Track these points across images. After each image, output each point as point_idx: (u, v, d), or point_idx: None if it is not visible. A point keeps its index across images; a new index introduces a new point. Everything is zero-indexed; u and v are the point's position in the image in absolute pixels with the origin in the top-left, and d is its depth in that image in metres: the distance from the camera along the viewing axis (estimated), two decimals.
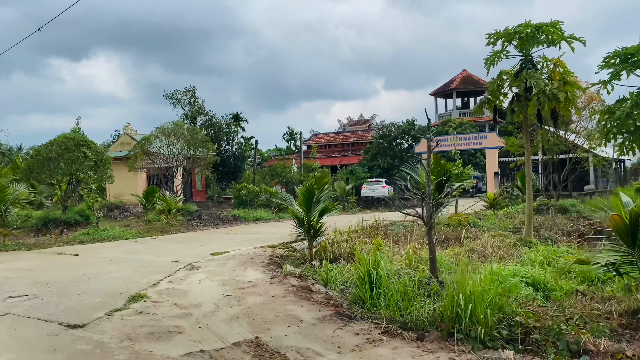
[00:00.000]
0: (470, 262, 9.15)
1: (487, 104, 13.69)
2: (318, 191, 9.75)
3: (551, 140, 20.61)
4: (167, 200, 19.32)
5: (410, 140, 44.54)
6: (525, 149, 13.49)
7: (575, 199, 21.43)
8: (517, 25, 12.99)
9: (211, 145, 30.02)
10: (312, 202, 9.74)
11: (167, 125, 30.07)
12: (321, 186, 9.80)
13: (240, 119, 62.75)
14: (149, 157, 30.12)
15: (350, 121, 64.13)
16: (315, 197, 9.73)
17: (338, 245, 10.53)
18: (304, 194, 9.68)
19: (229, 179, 51.41)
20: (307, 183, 9.69)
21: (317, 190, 9.71)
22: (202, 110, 48.95)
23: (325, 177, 9.98)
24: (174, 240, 14.27)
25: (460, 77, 57.54)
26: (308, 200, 9.70)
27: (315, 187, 9.66)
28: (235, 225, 18.68)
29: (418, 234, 13.01)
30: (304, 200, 9.72)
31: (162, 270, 8.96)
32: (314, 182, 9.65)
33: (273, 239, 13.83)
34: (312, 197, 9.70)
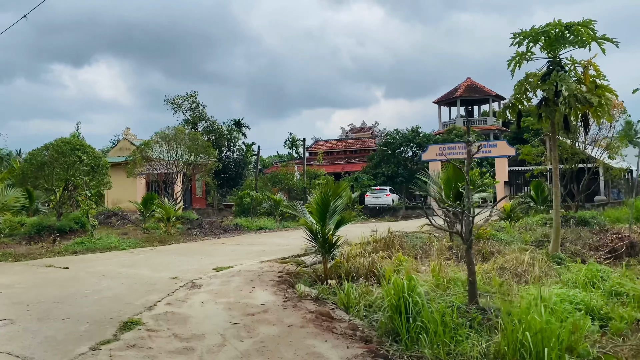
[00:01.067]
0: (505, 282, 8.18)
1: (510, 108, 12.75)
2: (334, 201, 8.79)
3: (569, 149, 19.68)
4: (166, 208, 18.34)
5: (415, 148, 43.63)
6: (552, 158, 12.54)
7: (593, 210, 20.47)
8: (545, 25, 12.07)
9: (213, 150, 29.09)
10: (327, 213, 8.77)
11: (168, 130, 29.16)
12: (337, 195, 8.84)
13: (242, 125, 62.00)
14: (149, 162, 29.20)
15: (352, 128, 63.26)
16: (330, 207, 8.77)
17: (354, 260, 9.54)
18: (318, 204, 8.72)
19: (230, 186, 50.48)
20: (321, 191, 8.73)
21: (332, 200, 8.75)
22: (204, 116, 48.16)
23: (342, 185, 9.03)
24: (173, 252, 13.28)
25: (464, 85, 56.74)
26: (322, 210, 8.74)
27: (331, 196, 8.70)
28: (237, 235, 17.69)
29: (438, 248, 12.04)
30: (317, 210, 8.76)
31: (159, 288, 7.98)
32: (329, 190, 8.69)
33: (280, 251, 12.86)
34: (327, 207, 8.73)
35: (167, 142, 28.60)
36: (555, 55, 12.33)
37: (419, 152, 42.37)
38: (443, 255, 11.23)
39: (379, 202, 36.35)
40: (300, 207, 9.38)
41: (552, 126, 12.58)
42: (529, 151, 20.40)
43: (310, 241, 8.95)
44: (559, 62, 12.32)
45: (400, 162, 43.51)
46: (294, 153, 73.23)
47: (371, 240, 12.86)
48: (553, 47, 12.26)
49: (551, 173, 24.91)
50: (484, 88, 56.56)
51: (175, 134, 28.97)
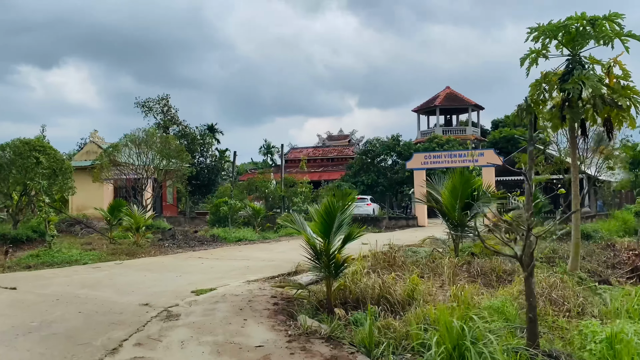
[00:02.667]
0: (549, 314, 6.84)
1: (526, 110, 11.51)
2: (340, 212, 7.33)
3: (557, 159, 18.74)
4: (135, 217, 16.59)
5: (395, 156, 42.56)
6: (572, 165, 11.33)
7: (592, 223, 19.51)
8: (567, 19, 10.88)
9: (186, 155, 27.35)
10: (333, 227, 7.30)
11: (138, 133, 27.29)
12: (345, 205, 7.39)
13: (215, 130, 60.11)
14: (117, 167, 27.25)
15: (329, 136, 62.10)
16: (336, 219, 7.30)
17: (359, 280, 8.09)
18: (322, 216, 7.24)
19: (202, 193, 48.60)
20: (326, 201, 7.25)
21: (339, 211, 7.29)
22: (176, 119, 46.29)
23: (351, 194, 7.59)
24: (143, 268, 11.59)
25: (444, 94, 56.12)
26: (327, 224, 7.26)
27: (337, 207, 7.24)
28: (215, 248, 16.03)
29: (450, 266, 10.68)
30: (321, 224, 7.27)
31: (127, 320, 6.37)
32: (335, 199, 7.22)
33: (266, 268, 11.31)
34: (332, 219, 7.26)
35: (137, 145, 26.74)
36: (576, 52, 11.18)
37: (399, 161, 41.31)
38: (457, 276, 9.90)
39: (359, 212, 34.92)
40: (298, 219, 7.87)
41: (571, 130, 11.39)
42: (525, 160, 19.27)
43: (312, 260, 7.45)
44: (579, 60, 11.16)
45: (380, 170, 42.37)
46: (269, 160, 71.72)
47: (370, 255, 11.45)
48: (574, 44, 11.10)
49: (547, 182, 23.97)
50: (463, 97, 56.04)
51: (146, 137, 27.13)
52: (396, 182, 41.75)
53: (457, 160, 28.88)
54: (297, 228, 7.64)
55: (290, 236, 20.69)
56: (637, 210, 25.45)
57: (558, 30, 10.89)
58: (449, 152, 30.29)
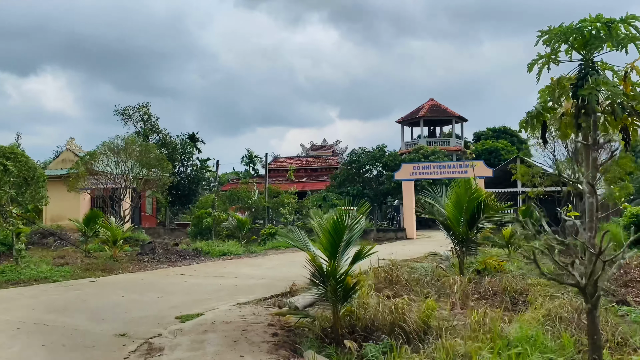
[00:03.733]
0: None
1: (536, 118, 10.77)
2: (350, 227, 6.42)
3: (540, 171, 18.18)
4: (112, 229, 15.45)
5: (381, 167, 41.82)
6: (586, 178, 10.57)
7: None
8: (580, 21, 10.10)
9: (167, 164, 26.19)
10: (341, 244, 6.39)
11: (117, 141, 26.07)
12: (355, 220, 6.48)
13: (197, 139, 58.86)
14: (94, 176, 25.98)
15: (313, 146, 61.21)
16: (345, 236, 6.39)
17: (365, 303, 7.16)
18: (329, 232, 6.32)
19: (182, 204, 47.29)
20: (335, 215, 6.34)
21: (347, 226, 6.38)
22: (156, 128, 45.02)
23: (363, 206, 6.69)
24: (120, 287, 10.51)
25: (428, 105, 55.76)
26: (334, 240, 6.34)
27: (345, 222, 6.33)
28: (198, 263, 14.95)
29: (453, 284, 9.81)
30: (328, 241, 6.36)
31: (98, 357, 5.34)
32: (344, 213, 6.31)
33: (256, 287, 10.32)
34: (340, 236, 6.35)
35: (115, 153, 25.53)
36: (589, 57, 10.48)
37: (384, 172, 40.58)
38: (467, 297, 9.04)
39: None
40: (299, 234, 6.92)
41: (585, 139, 10.67)
42: (525, 172, 18.64)
43: (316, 283, 6.51)
44: (592, 65, 10.46)
45: (365, 181, 41.58)
46: (252, 170, 70.57)
47: (371, 272, 10.56)
48: (588, 48, 10.40)
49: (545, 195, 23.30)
50: (447, 109, 55.74)
51: (125, 144, 25.93)
52: (382, 193, 40.98)
53: (447, 172, 28.22)
54: (299, 245, 6.70)
55: (278, 249, 19.69)
56: (625, 223, 25.04)
57: (571, 33, 10.18)
58: (438, 163, 29.63)
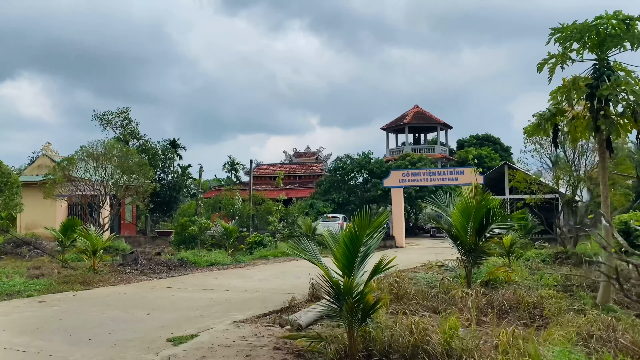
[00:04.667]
0: None
1: (550, 120, 10.21)
2: (367, 238, 5.69)
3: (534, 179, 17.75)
4: (91, 239, 14.48)
5: (366, 174, 41.21)
6: (602, 182, 10.01)
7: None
8: (595, 18, 9.67)
9: (149, 170, 25.19)
10: (357, 257, 5.65)
11: (96, 145, 25.02)
12: (374, 230, 5.74)
13: (178, 145, 57.80)
14: (72, 182, 24.87)
15: (296, 153, 60.48)
16: (361, 248, 5.66)
17: (380, 322, 6.43)
18: (344, 244, 5.58)
19: (163, 211, 46.15)
20: (352, 225, 5.60)
21: (365, 237, 5.65)
22: (136, 133, 43.91)
23: (383, 214, 5.95)
24: (102, 302, 9.61)
25: (412, 112, 55.54)
26: (351, 254, 5.60)
27: (363, 232, 5.60)
28: (185, 274, 14.04)
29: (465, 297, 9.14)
30: (343, 253, 5.61)
31: None
32: (362, 223, 5.56)
33: (251, 301, 9.52)
34: (357, 248, 5.62)
35: (94, 159, 24.46)
36: (604, 56, 9.97)
37: (371, 179, 39.99)
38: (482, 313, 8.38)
39: None
40: (308, 246, 6.15)
41: (599, 144, 10.12)
42: (522, 178, 18.15)
43: (331, 302, 5.75)
44: (608, 64, 9.95)
45: (351, 188, 40.94)
46: (234, 177, 69.48)
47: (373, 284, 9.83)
48: (603, 47, 9.89)
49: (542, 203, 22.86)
50: (431, 116, 55.57)
51: (105, 149, 24.89)
52: (368, 201, 40.38)
53: (437, 179, 27.73)
54: (309, 258, 5.92)
55: (266, 259, 18.87)
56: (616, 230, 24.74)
57: (586, 30, 9.67)
58: (428, 170, 29.14)
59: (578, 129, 10.64)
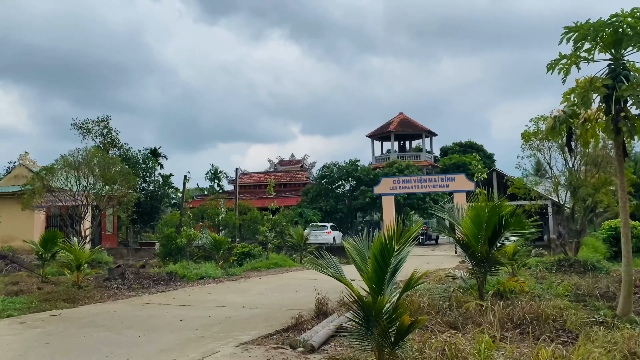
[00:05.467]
0: None
1: (566, 123, 9.74)
2: (399, 249, 5.08)
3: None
4: (75, 252, 13.63)
5: (354, 182, 40.70)
6: (620, 188, 9.55)
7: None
8: (611, 16, 9.24)
9: (133, 179, 24.30)
10: (387, 272, 5.04)
11: (77, 154, 24.05)
12: (406, 241, 5.14)
13: (159, 154, 56.81)
14: (51, 192, 23.87)
15: (281, 161, 59.81)
16: (392, 261, 5.05)
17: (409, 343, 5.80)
18: (376, 258, 4.96)
19: (145, 222, 45.11)
20: (382, 236, 4.98)
21: (396, 249, 5.04)
22: (117, 142, 42.83)
23: (417, 224, 5.35)
24: (90, 322, 8.83)
25: (397, 119, 55.37)
26: (381, 268, 4.99)
27: (394, 243, 4.98)
28: (176, 289, 13.25)
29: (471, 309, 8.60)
30: (373, 268, 4.99)
31: None
32: (393, 233, 4.95)
33: (253, 318, 8.83)
34: (387, 262, 5.00)
35: (75, 168, 23.48)
36: (619, 56, 9.56)
37: (358, 187, 39.51)
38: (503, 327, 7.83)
39: (318, 241, 32.69)
40: (332, 260, 5.50)
41: (618, 147, 9.68)
42: (521, 185, 17.74)
43: (359, 324, 5.11)
44: (623, 64, 9.54)
45: (339, 196, 40.40)
46: (217, 186, 68.44)
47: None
48: (619, 46, 9.48)
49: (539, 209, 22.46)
50: (416, 123, 55.46)
51: (86, 158, 23.93)
52: (356, 208, 39.88)
53: (428, 185, 27.32)
54: (335, 275, 5.28)
55: (258, 270, 18.14)
56: (604, 237, 24.54)
57: (603, 28, 9.24)
58: (419, 177, 28.76)
59: (589, 132, 10.21)
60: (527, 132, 17.27)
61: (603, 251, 21.76)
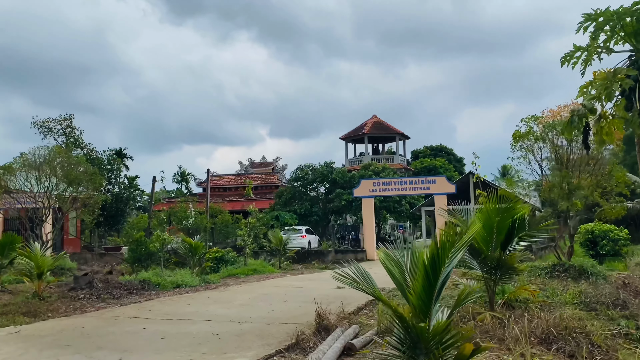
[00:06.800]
0: None
1: (582, 117, 9.01)
2: (450, 258, 4.13)
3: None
4: (36, 259, 12.25)
5: (328, 184, 39.75)
6: None
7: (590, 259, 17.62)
8: (634, 3, 8.54)
9: (100, 179, 22.79)
10: (437, 285, 4.08)
11: (38, 152, 22.41)
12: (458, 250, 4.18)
13: (124, 155, 54.78)
14: (9, 194, 22.17)
15: (252, 163, 58.54)
16: (442, 273, 4.10)
17: None
18: (425, 272, 4.00)
19: (109, 225, 43.16)
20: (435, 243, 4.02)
21: (449, 257, 4.09)
22: (80, 142, 40.81)
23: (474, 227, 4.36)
24: (54, 341, 7.59)
25: (371, 122, 54.86)
26: (430, 282, 4.03)
27: (447, 253, 4.03)
28: (151, 299, 11.99)
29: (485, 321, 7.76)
30: (422, 284, 4.03)
31: None
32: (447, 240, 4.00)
33: (246, 335, 7.76)
34: (437, 274, 4.05)
35: (36, 168, 21.86)
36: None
37: (333, 189, 38.59)
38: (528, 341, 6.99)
39: (293, 245, 31.62)
40: (362, 272, 4.50)
41: (639, 143, 9.00)
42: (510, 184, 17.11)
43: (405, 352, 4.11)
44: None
45: (313, 199, 39.40)
46: (184, 188, 66.66)
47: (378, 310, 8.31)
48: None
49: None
50: (390, 126, 55.05)
51: (48, 157, 22.32)
52: (331, 211, 38.94)
53: (408, 188, 26.61)
54: (373, 292, 4.28)
55: (237, 277, 16.99)
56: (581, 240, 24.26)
57: (626, 15, 8.54)
58: (399, 179, 28.06)
59: (604, 129, 9.52)
60: (518, 132, 16.67)
61: (581, 255, 21.42)
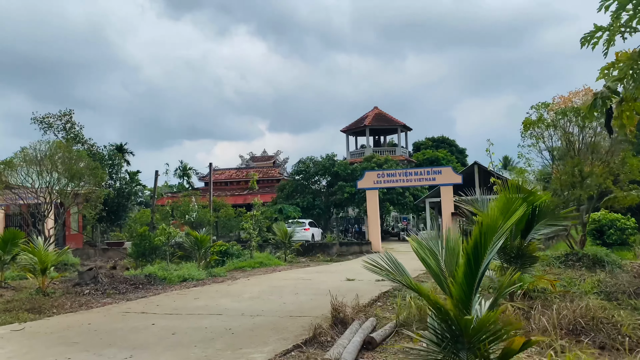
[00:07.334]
0: None
1: (607, 99, 8.68)
2: (492, 245, 3.82)
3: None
4: (39, 254, 11.95)
5: (330, 177, 39.41)
6: None
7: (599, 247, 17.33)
8: None
9: (102, 173, 22.47)
10: (478, 275, 3.77)
11: (39, 147, 22.08)
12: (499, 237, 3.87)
13: (125, 150, 54.54)
14: (10, 189, 21.87)
15: (252, 157, 58.14)
16: (484, 260, 3.79)
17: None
18: (468, 262, 3.69)
19: (111, 220, 42.87)
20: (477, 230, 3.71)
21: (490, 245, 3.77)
22: (80, 137, 40.41)
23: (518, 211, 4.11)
24: (60, 338, 7.30)
25: (372, 114, 54.42)
26: (472, 271, 3.72)
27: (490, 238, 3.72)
28: (158, 294, 11.71)
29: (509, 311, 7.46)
30: (465, 274, 3.72)
31: None
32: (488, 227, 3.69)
33: (260, 330, 7.46)
34: (479, 263, 3.74)
35: (37, 162, 21.54)
36: None
37: (336, 182, 38.27)
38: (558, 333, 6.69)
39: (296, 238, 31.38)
40: (394, 262, 4.19)
41: None
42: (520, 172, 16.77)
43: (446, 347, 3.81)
44: None
45: (315, 192, 39.09)
46: (186, 183, 66.38)
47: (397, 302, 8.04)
48: None
49: None
50: (392, 118, 54.61)
51: (49, 152, 21.99)
52: (334, 204, 38.65)
53: (414, 179, 26.29)
54: (410, 283, 3.97)
55: (243, 270, 16.72)
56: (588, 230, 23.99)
57: None
58: (404, 170, 27.73)
59: (625, 113, 9.19)
60: (529, 119, 16.36)
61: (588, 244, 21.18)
